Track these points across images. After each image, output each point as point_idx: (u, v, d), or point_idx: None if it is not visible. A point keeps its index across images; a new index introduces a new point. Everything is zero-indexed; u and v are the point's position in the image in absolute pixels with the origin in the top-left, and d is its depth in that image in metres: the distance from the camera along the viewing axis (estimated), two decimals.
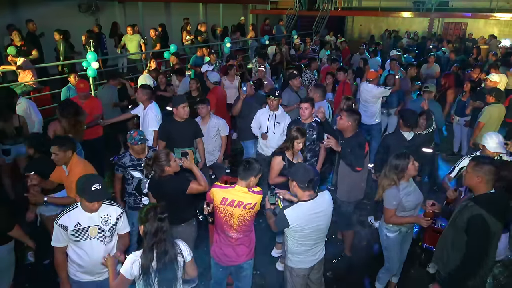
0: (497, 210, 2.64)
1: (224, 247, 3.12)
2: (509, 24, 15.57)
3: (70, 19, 11.30)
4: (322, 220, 2.91)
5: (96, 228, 2.75)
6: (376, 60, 10.02)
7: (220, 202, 2.98)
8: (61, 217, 2.70)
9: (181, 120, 4.50)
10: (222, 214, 3.00)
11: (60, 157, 3.39)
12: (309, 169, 2.92)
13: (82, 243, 2.73)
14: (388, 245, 3.53)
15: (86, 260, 2.77)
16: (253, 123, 5.08)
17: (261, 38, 13.08)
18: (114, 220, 2.84)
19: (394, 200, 3.28)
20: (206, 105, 4.82)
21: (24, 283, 3.92)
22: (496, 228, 2.64)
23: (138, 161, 3.78)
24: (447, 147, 7.35)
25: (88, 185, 2.62)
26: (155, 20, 12.64)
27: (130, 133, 3.76)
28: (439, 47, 12.16)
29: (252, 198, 2.98)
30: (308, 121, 4.49)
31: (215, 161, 5.08)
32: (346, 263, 4.35)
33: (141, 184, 3.83)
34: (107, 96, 6.29)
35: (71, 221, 2.69)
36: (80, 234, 2.70)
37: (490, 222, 2.59)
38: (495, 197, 2.70)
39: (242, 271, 3.21)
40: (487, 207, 2.62)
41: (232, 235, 3.06)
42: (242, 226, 3.04)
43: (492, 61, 9.33)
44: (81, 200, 2.69)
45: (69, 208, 2.74)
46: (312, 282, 3.27)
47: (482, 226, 2.60)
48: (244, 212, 2.97)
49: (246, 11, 18.33)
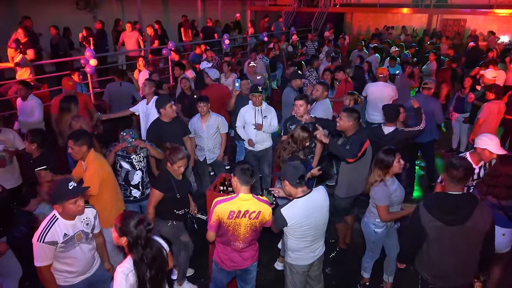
0: (438, 209, 2.57)
1: (229, 253, 3.03)
2: (508, 20, 15.55)
3: (68, 16, 11.27)
4: (319, 215, 2.92)
5: (80, 233, 2.77)
6: (375, 57, 10.01)
7: (228, 217, 2.84)
8: (45, 234, 2.57)
9: (169, 121, 4.49)
10: (229, 228, 2.88)
11: (75, 151, 3.39)
12: (297, 166, 2.93)
13: (72, 251, 2.71)
14: (376, 240, 3.62)
15: (78, 265, 2.79)
16: (238, 122, 5.08)
17: (260, 35, 13.06)
18: (93, 221, 2.89)
19: (386, 196, 3.32)
20: (207, 103, 4.82)
21: (23, 282, 3.92)
22: (432, 225, 2.56)
23: (128, 153, 3.90)
24: (446, 144, 7.37)
25: (64, 187, 2.59)
26: (154, 17, 12.60)
27: (122, 134, 3.83)
28: (438, 44, 12.15)
29: (257, 205, 2.88)
30: (304, 119, 4.49)
31: (215, 159, 5.08)
32: (345, 260, 4.36)
33: (129, 175, 3.91)
34: (125, 93, 6.31)
35: (58, 235, 2.62)
36: (69, 243, 2.69)
37: (423, 217, 2.59)
38: (445, 196, 2.62)
39: (249, 273, 3.17)
40: (427, 204, 2.64)
41: (238, 245, 2.98)
42: (249, 237, 2.95)
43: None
44: (64, 208, 2.61)
45: (48, 224, 2.62)
46: (312, 279, 3.28)
47: (414, 218, 2.69)
48: (250, 222, 2.88)
49: (245, 8, 18.28)
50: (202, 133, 4.91)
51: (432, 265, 2.72)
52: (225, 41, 11.19)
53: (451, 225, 2.53)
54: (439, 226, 2.55)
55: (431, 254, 2.68)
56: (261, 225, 2.98)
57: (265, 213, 2.92)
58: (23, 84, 5.36)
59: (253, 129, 4.92)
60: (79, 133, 3.51)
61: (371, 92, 6.29)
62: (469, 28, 16.37)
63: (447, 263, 2.66)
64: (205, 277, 4.02)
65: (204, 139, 4.92)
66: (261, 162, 5.17)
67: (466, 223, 2.52)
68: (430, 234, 2.60)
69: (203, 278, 4.05)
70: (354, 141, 3.76)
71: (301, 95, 4.77)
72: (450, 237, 2.57)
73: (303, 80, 6.02)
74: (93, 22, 11.71)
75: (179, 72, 7.02)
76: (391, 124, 4.33)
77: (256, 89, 4.85)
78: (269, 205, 2.95)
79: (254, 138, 4.96)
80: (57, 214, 2.67)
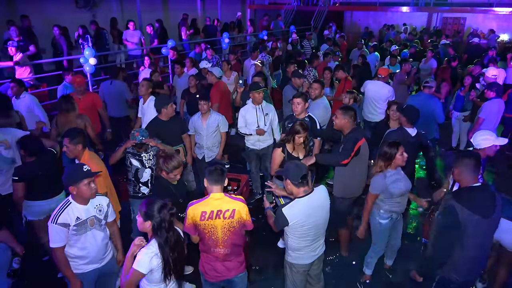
0: (472, 202, 2.62)
1: (212, 262, 2.95)
2: (508, 19, 15.53)
3: (67, 15, 11.25)
4: (320, 214, 2.92)
5: (93, 219, 2.85)
6: (374, 55, 10.00)
7: (200, 218, 2.79)
8: (58, 216, 2.68)
9: (167, 119, 4.51)
10: (205, 231, 2.83)
11: (70, 150, 3.40)
12: (300, 165, 2.92)
13: (84, 236, 2.79)
14: (380, 231, 3.68)
15: (91, 251, 2.85)
16: (239, 123, 5.05)
17: (259, 34, 13.03)
18: (106, 208, 2.96)
19: (379, 187, 3.44)
20: (208, 101, 4.81)
21: (23, 281, 3.93)
22: (469, 220, 2.59)
23: (138, 152, 3.93)
24: (445, 142, 7.36)
25: (79, 170, 2.73)
26: (153, 16, 12.58)
27: (132, 133, 3.86)
28: (437, 42, 12.13)
29: (228, 204, 2.82)
30: (302, 116, 4.50)
31: (214, 157, 5.08)
32: (345, 259, 4.36)
33: (138, 173, 3.93)
34: (115, 92, 6.27)
35: (71, 218, 2.71)
36: (81, 227, 2.76)
37: (461, 213, 2.60)
38: (473, 190, 2.68)
39: (235, 285, 3.05)
40: (460, 199, 2.64)
41: (219, 251, 2.89)
42: (228, 240, 2.86)
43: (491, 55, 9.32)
44: (79, 189, 2.70)
45: (62, 207, 2.73)
46: (312, 277, 3.29)
47: (450, 216, 2.66)
48: (226, 223, 2.81)
49: (244, 6, 18.25)
50: (202, 131, 4.91)
51: (466, 262, 2.72)
52: (224, 40, 11.16)
53: (486, 217, 2.60)
54: (477, 219, 2.59)
55: (467, 250, 2.68)
56: (240, 226, 2.89)
57: (241, 211, 2.85)
58: (15, 81, 5.30)
59: (256, 128, 4.90)
60: (75, 131, 3.51)
61: (368, 89, 6.29)
62: (470, 27, 16.35)
63: (479, 256, 2.73)
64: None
65: (204, 137, 4.92)
66: (263, 160, 5.17)
67: (494, 214, 2.63)
68: (469, 230, 2.61)
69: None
70: (348, 140, 3.76)
71: (299, 92, 4.76)
72: (483, 230, 2.64)
73: (302, 80, 5.99)
74: (92, 21, 11.69)
75: (180, 70, 7.01)
76: (411, 126, 4.33)
77: (258, 86, 4.83)
78: (244, 203, 2.88)
79: (258, 137, 4.95)
80: (70, 199, 2.76)
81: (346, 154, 3.68)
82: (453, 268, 2.77)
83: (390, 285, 3.99)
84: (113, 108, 6.32)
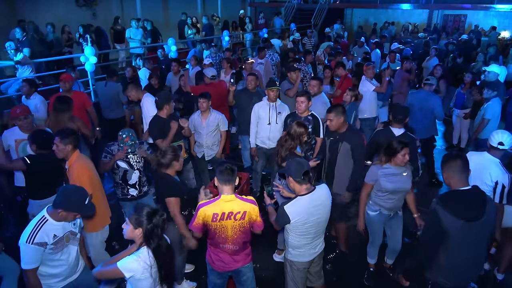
0: (456, 206, 2.53)
1: (219, 253, 2.98)
2: (509, 16, 15.49)
3: (67, 13, 11.25)
4: (321, 212, 2.92)
5: (69, 234, 2.75)
6: (376, 52, 9.99)
7: (212, 219, 2.80)
8: (35, 236, 2.53)
9: (167, 117, 4.49)
10: (215, 230, 2.85)
11: (60, 149, 3.34)
12: (302, 163, 2.92)
13: (59, 253, 2.69)
14: (368, 222, 3.79)
15: (65, 267, 2.76)
16: (252, 118, 5.03)
17: (260, 32, 13.02)
18: (78, 220, 2.87)
19: (371, 176, 3.55)
20: (207, 99, 4.80)
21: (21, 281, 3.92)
22: (453, 225, 2.51)
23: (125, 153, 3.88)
24: (446, 140, 7.36)
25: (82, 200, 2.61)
26: (153, 14, 12.58)
27: (121, 135, 3.79)
28: (438, 39, 12.11)
29: (239, 205, 2.81)
30: (305, 115, 4.51)
31: (213, 156, 5.08)
32: (346, 256, 4.37)
33: (127, 175, 3.91)
34: (111, 93, 6.22)
35: (48, 236, 2.59)
36: (58, 245, 2.66)
37: (444, 218, 2.52)
38: (460, 193, 2.59)
39: (242, 275, 3.08)
40: (444, 203, 2.57)
41: (228, 247, 2.92)
42: (238, 239, 2.89)
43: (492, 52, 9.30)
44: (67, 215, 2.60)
45: (38, 225, 2.57)
46: (312, 275, 3.30)
47: (432, 221, 2.63)
48: (237, 224, 2.83)
49: (245, 4, 18.22)
50: (202, 130, 4.90)
51: (452, 267, 2.65)
52: (224, 38, 11.16)
53: (471, 221, 2.51)
54: (460, 224, 2.50)
55: (452, 255, 2.62)
56: (250, 226, 2.90)
57: (252, 213, 2.85)
58: (26, 81, 5.34)
59: (267, 124, 4.90)
60: (67, 131, 3.44)
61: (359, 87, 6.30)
62: (471, 24, 16.31)
63: (467, 260, 2.65)
64: (206, 274, 4.03)
65: (203, 136, 4.91)
66: (271, 160, 5.10)
67: (483, 217, 2.54)
68: (452, 235, 2.54)
69: (203, 275, 4.05)
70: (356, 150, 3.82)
71: (303, 91, 4.76)
72: (470, 233, 2.54)
73: (297, 72, 5.92)
74: (92, 19, 11.70)
75: (177, 69, 6.98)
76: (400, 126, 4.21)
77: (274, 83, 4.82)
78: (255, 204, 2.86)
79: (268, 135, 4.94)
80: (46, 216, 2.62)
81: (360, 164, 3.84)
82: (440, 272, 2.71)
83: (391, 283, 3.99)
84: (108, 110, 6.26)
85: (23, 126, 4.11)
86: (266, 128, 4.93)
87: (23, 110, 4.18)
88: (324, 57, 9.21)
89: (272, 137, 4.91)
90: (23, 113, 4.10)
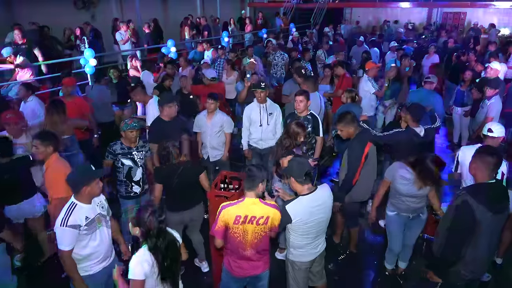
0: (488, 199, 2.57)
1: (239, 260, 2.94)
2: (508, 13, 15.47)
3: (66, 16, 11.25)
4: (323, 212, 2.92)
5: (99, 216, 2.86)
6: (374, 51, 9.99)
7: (234, 221, 2.78)
8: (67, 218, 2.66)
9: (169, 120, 4.49)
10: (236, 234, 2.82)
11: (40, 151, 3.36)
12: (303, 163, 2.91)
13: (94, 235, 2.80)
14: (387, 223, 3.77)
15: (101, 249, 2.86)
16: (244, 120, 5.00)
17: (259, 32, 13.01)
18: (106, 204, 2.99)
19: (389, 172, 3.51)
20: (215, 100, 4.80)
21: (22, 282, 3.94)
22: (484, 217, 2.55)
23: (129, 150, 3.92)
24: (447, 138, 7.34)
25: (87, 170, 2.78)
26: (152, 15, 12.58)
27: (125, 121, 3.86)
28: (436, 37, 12.09)
29: (263, 210, 2.79)
30: (304, 114, 4.50)
31: (219, 158, 5.05)
32: (347, 256, 4.36)
33: (131, 172, 3.94)
34: (98, 97, 6.12)
35: (80, 218, 2.70)
36: (91, 226, 2.77)
37: (477, 209, 2.56)
38: (488, 186, 2.64)
39: (259, 281, 3.05)
40: (476, 195, 2.59)
41: (246, 253, 2.88)
42: (257, 244, 2.85)
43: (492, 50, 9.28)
44: (91, 189, 2.73)
45: (69, 209, 2.70)
46: (314, 274, 3.29)
47: (466, 212, 2.60)
48: (257, 229, 2.80)
49: (244, 4, 18.22)
50: (206, 129, 4.90)
51: (477, 258, 2.70)
52: (224, 38, 11.16)
53: (498, 213, 2.59)
54: (489, 216, 2.57)
55: (479, 246, 2.66)
56: (270, 231, 2.90)
57: (274, 219, 2.82)
58: (22, 85, 5.35)
59: (259, 126, 4.89)
60: (47, 133, 3.49)
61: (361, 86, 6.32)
62: (470, 21, 16.29)
63: (488, 251, 2.73)
64: (208, 275, 4.05)
65: (208, 136, 4.91)
66: (264, 160, 5.13)
67: (506, 210, 2.64)
68: (483, 227, 2.59)
69: (205, 276, 4.06)
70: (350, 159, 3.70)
71: (301, 90, 4.75)
72: (495, 226, 2.64)
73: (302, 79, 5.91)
74: (91, 21, 11.69)
75: (172, 71, 6.95)
76: (418, 125, 4.18)
77: (259, 85, 4.81)
78: (277, 209, 2.83)
79: (260, 136, 4.92)
80: (74, 200, 2.74)
81: (353, 173, 3.68)
82: (462, 264, 2.73)
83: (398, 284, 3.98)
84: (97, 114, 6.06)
85: (11, 131, 4.23)
86: (258, 129, 4.91)
87: (13, 117, 4.29)
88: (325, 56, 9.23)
89: (264, 138, 4.91)
90: (11, 120, 4.26)
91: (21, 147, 4.19)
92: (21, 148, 4.18)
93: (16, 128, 4.21)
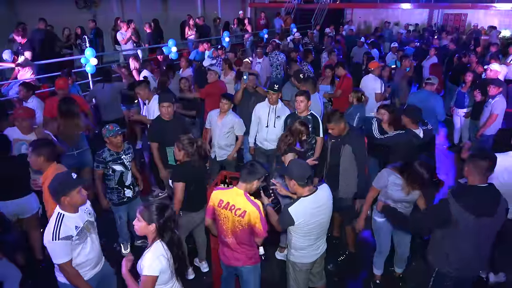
0: (470, 201, 2.58)
1: (223, 247, 3.07)
2: (509, 14, 15.47)
3: (67, 16, 11.26)
4: (323, 213, 2.93)
5: (88, 224, 2.81)
6: (374, 52, 9.98)
7: (217, 204, 2.92)
8: (58, 232, 2.58)
9: (169, 119, 4.47)
10: (219, 217, 2.95)
11: (32, 160, 3.22)
12: (304, 165, 2.93)
13: (84, 243, 2.75)
14: (376, 229, 3.71)
15: (92, 256, 2.83)
16: (253, 117, 5.02)
17: (260, 32, 13.02)
18: (92, 210, 2.94)
19: (379, 181, 3.45)
20: (229, 101, 4.80)
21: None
22: (462, 217, 2.57)
23: (118, 155, 3.90)
24: (447, 139, 7.34)
25: (69, 179, 2.65)
26: (153, 15, 12.58)
27: (106, 127, 3.83)
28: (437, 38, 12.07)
29: (244, 203, 2.83)
30: (304, 114, 4.50)
31: (225, 158, 5.02)
32: (347, 256, 4.36)
33: (123, 177, 3.94)
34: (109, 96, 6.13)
35: (71, 228, 2.65)
36: (82, 235, 2.73)
37: (454, 207, 2.58)
38: (476, 189, 2.63)
39: (243, 275, 3.08)
40: (458, 196, 2.62)
41: (228, 240, 2.96)
42: (238, 233, 2.90)
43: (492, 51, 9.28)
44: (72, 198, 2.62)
45: (57, 222, 2.61)
46: (314, 275, 3.30)
47: (439, 207, 2.71)
48: (236, 219, 2.85)
49: (245, 5, 18.23)
50: (216, 128, 4.91)
51: (458, 257, 2.73)
52: (225, 38, 11.17)
53: (480, 216, 2.57)
54: (468, 217, 2.57)
55: (458, 246, 2.69)
56: (250, 228, 2.87)
57: (252, 216, 2.82)
58: (23, 85, 5.35)
59: (265, 127, 4.88)
60: (39, 142, 3.34)
61: (362, 86, 6.35)
62: (471, 23, 16.28)
63: (472, 254, 2.72)
64: (208, 275, 4.05)
65: (216, 134, 4.92)
66: (270, 160, 5.08)
67: (494, 216, 2.61)
68: (462, 227, 2.61)
69: (205, 276, 4.06)
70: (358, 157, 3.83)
71: (301, 91, 4.75)
72: (478, 228, 2.62)
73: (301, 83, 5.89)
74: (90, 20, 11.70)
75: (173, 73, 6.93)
76: (416, 126, 4.20)
77: (272, 87, 4.78)
78: (257, 209, 2.83)
79: (265, 136, 4.91)
80: (60, 211, 2.66)
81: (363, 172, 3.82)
82: (447, 262, 2.76)
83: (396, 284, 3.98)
84: (107, 112, 6.16)
85: (21, 127, 4.21)
86: (264, 130, 4.91)
87: (23, 113, 4.27)
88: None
89: (269, 139, 4.89)
90: (21, 116, 4.22)
91: (24, 144, 4.17)
92: (24, 145, 4.16)
93: (25, 125, 4.19)
